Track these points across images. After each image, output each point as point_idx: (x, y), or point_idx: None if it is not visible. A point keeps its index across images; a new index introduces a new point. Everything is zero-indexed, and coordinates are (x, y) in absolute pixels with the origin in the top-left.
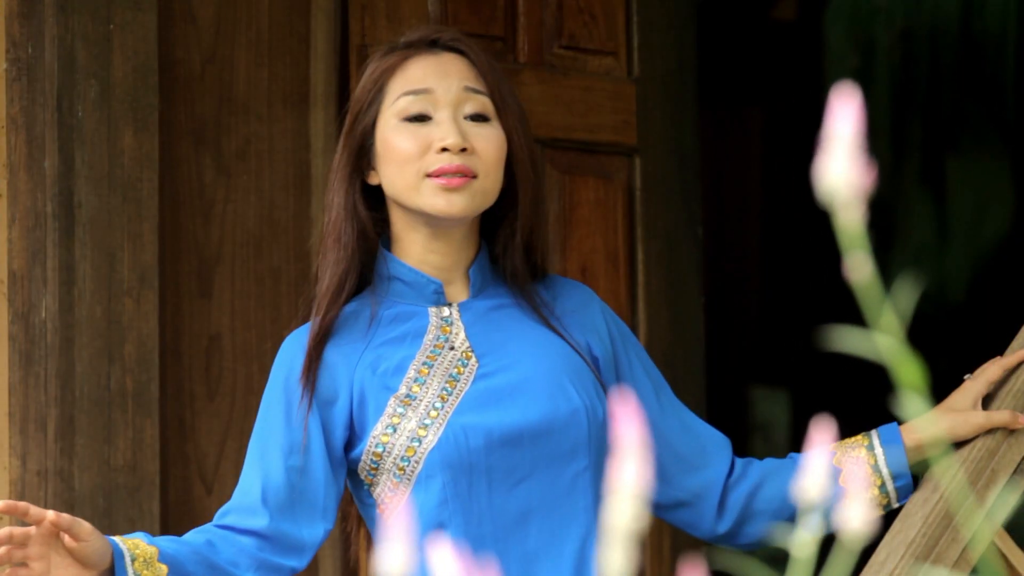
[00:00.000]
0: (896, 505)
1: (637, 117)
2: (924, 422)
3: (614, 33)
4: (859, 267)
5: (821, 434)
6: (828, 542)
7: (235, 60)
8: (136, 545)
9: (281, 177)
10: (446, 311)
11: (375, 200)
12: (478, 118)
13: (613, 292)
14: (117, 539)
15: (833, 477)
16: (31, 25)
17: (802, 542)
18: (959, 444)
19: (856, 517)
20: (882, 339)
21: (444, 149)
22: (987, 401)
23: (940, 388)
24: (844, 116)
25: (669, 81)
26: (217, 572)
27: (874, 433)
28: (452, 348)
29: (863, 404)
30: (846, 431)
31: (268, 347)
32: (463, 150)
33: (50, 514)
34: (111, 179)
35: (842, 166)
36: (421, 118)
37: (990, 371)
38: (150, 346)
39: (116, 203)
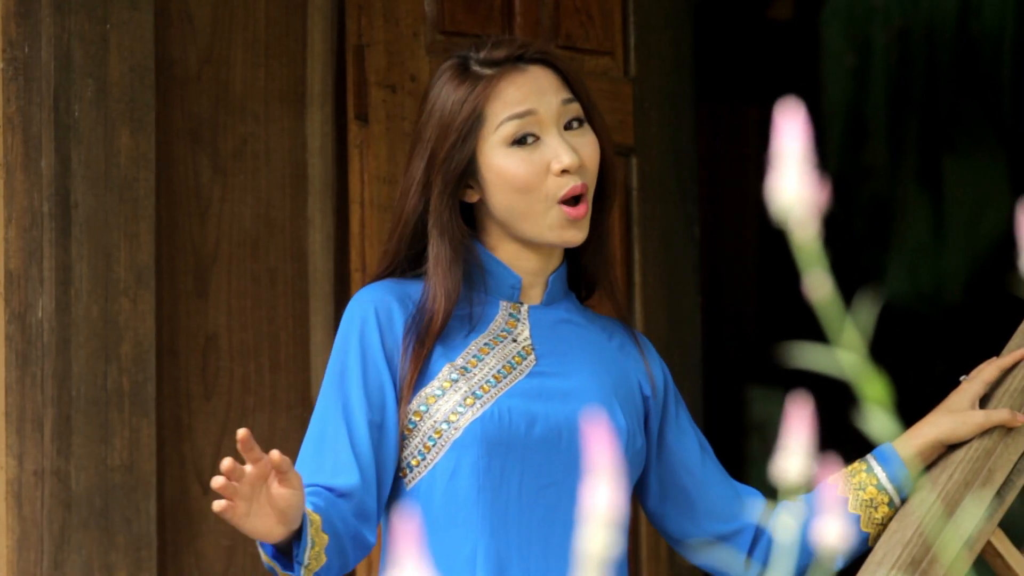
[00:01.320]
0: None
1: (634, 117)
2: (922, 428)
3: (611, 33)
4: (818, 285)
5: (804, 435)
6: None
7: (231, 60)
8: (307, 511)
9: (278, 177)
10: (516, 308)
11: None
12: (575, 125)
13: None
14: None
15: (843, 509)
16: (27, 25)
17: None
18: (959, 445)
19: (836, 534)
20: (844, 355)
21: (564, 171)
22: (984, 402)
23: (936, 389)
24: (791, 133)
25: (666, 81)
26: (338, 540)
27: (869, 456)
28: (514, 341)
29: (857, 404)
30: (842, 431)
31: (265, 347)
32: (579, 167)
33: (274, 454)
34: (107, 179)
35: (794, 183)
36: (527, 140)
37: (987, 372)
38: (147, 346)
39: (113, 203)
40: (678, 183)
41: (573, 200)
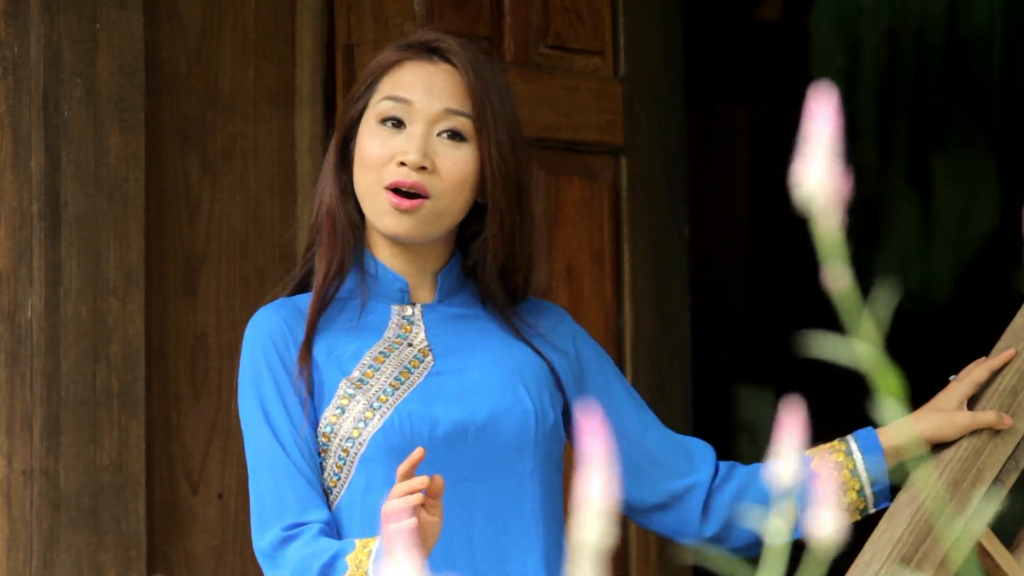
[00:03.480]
0: (873, 510)
1: (623, 117)
2: (907, 423)
3: (600, 33)
4: (838, 276)
5: (796, 436)
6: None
7: (221, 59)
8: None
9: (267, 177)
10: (409, 310)
11: None
12: (453, 136)
13: (599, 292)
14: None
15: (811, 482)
16: (17, 24)
17: (776, 530)
18: (944, 444)
19: (829, 524)
20: (861, 346)
21: (403, 164)
22: (972, 401)
23: (926, 389)
24: (822, 118)
25: (655, 81)
26: None
27: (851, 438)
28: (410, 345)
29: (850, 404)
30: (833, 430)
31: None
32: (423, 168)
33: (437, 478)
34: (97, 178)
35: (820, 171)
36: (396, 123)
37: (976, 372)
38: (136, 346)
39: (102, 202)
40: (667, 183)
41: (398, 192)
